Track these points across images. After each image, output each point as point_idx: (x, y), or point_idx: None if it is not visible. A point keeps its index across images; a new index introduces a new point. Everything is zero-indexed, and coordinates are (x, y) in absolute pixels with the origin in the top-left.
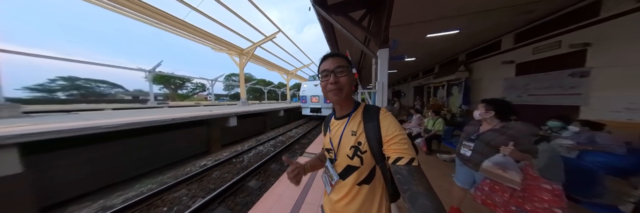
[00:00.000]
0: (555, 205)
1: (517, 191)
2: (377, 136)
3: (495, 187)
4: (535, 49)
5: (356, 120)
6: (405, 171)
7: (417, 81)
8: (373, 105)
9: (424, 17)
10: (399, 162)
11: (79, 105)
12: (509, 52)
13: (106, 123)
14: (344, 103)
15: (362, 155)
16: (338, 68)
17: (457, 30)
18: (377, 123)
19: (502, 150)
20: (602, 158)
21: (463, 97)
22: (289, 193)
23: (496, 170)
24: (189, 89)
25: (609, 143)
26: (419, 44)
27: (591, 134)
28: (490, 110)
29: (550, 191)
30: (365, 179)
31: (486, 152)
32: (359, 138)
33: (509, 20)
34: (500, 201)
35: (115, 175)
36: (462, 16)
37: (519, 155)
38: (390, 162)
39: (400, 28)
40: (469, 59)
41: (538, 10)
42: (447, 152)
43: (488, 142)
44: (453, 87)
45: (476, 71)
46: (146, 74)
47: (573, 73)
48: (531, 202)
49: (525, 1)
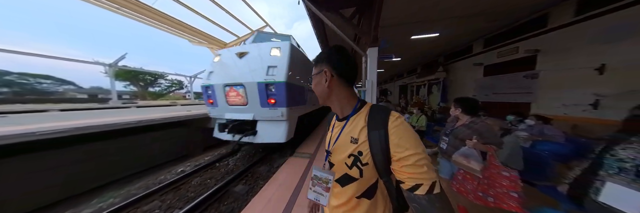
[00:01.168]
0: (512, 189)
1: (482, 179)
2: (384, 151)
3: (466, 176)
4: (499, 53)
5: (357, 125)
6: (425, 201)
7: (402, 80)
8: (381, 107)
9: (410, 19)
10: (418, 190)
11: (12, 106)
12: (479, 55)
13: (45, 129)
14: (337, 103)
15: (363, 167)
16: (311, 77)
17: (437, 33)
18: (384, 133)
19: (467, 143)
20: (549, 146)
21: (441, 95)
22: (278, 196)
23: (462, 160)
24: (163, 87)
25: (553, 134)
26: (404, 45)
27: (541, 127)
28: (458, 108)
29: (508, 178)
30: (365, 193)
31: (457, 144)
32: (359, 147)
33: (479, 27)
34: (471, 188)
35: (70, 189)
36: (441, 20)
37: (481, 147)
38: (406, 189)
39: (388, 29)
40: (447, 61)
41: (501, 20)
42: (430, 146)
43: (457, 135)
44: (433, 86)
45: (452, 72)
46: (106, 68)
47: (526, 75)
48: (494, 188)
49: (490, 10)
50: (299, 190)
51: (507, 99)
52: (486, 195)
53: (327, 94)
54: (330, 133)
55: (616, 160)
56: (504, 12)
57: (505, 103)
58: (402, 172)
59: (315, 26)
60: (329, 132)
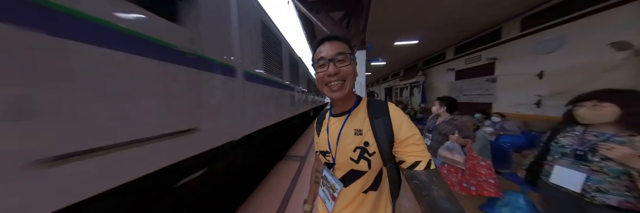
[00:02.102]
0: (489, 176)
1: (464, 170)
2: (388, 135)
3: (451, 170)
4: (466, 60)
5: (359, 117)
6: (425, 176)
7: (387, 83)
8: (377, 99)
9: (393, 26)
10: (417, 167)
11: None
12: (451, 61)
13: None
14: (345, 99)
15: (370, 157)
16: (339, 55)
17: (417, 40)
18: (387, 119)
19: (450, 137)
20: (509, 139)
21: (421, 96)
22: (267, 203)
23: (447, 154)
24: None
25: (511, 129)
26: (388, 50)
27: (502, 123)
28: (443, 106)
29: (485, 166)
30: (372, 185)
31: (440, 139)
32: (365, 137)
33: (451, 36)
34: (456, 180)
35: None
36: (420, 29)
37: (461, 141)
38: (406, 167)
39: (374, 34)
40: (425, 65)
41: (468, 30)
42: None
43: (440, 131)
44: (414, 89)
45: (430, 75)
46: None
47: (488, 79)
48: (475, 177)
49: (459, 23)
50: (289, 196)
51: (474, 99)
52: (469, 185)
53: (352, 85)
54: (325, 133)
55: (559, 147)
56: (469, 25)
57: (473, 103)
58: (404, 152)
59: (305, 27)
60: (323, 133)
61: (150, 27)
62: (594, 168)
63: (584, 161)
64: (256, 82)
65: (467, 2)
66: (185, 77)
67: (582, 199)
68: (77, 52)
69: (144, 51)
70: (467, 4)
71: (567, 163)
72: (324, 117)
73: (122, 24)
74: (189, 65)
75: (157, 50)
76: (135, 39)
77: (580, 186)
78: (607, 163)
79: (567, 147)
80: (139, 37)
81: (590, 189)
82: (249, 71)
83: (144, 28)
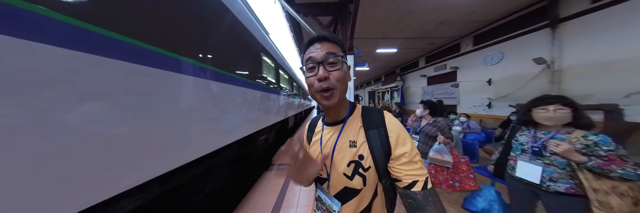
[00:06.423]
0: (469, 172)
1: (450, 169)
2: (385, 148)
3: (437, 169)
4: (435, 68)
5: (354, 127)
6: (421, 196)
7: (371, 87)
8: (371, 107)
9: (375, 35)
10: (414, 187)
11: None
12: (423, 69)
13: None
14: (338, 106)
15: (365, 173)
16: (330, 56)
17: (396, 49)
18: (384, 131)
19: (439, 139)
20: (474, 136)
21: (400, 99)
22: (263, 202)
23: (437, 156)
24: None
25: (475, 127)
26: (371, 56)
27: (468, 122)
28: (427, 109)
29: (464, 163)
30: (367, 207)
31: (427, 141)
32: (360, 150)
33: (422, 47)
34: (443, 179)
35: None
36: (397, 39)
37: (446, 141)
38: (402, 186)
39: (358, 40)
40: (402, 72)
41: (436, 43)
42: None
43: (426, 133)
44: (394, 92)
45: (407, 81)
46: None
47: (452, 84)
48: (458, 173)
49: (429, 35)
50: (283, 193)
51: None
52: (454, 182)
53: (344, 92)
54: (318, 144)
55: (519, 144)
56: (437, 38)
57: (442, 106)
58: (400, 170)
59: (293, 29)
60: (315, 144)
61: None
62: (546, 162)
63: (540, 156)
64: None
65: (435, 19)
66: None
67: (539, 188)
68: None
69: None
70: (435, 21)
71: (527, 158)
72: (315, 124)
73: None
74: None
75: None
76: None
77: (539, 178)
78: (555, 157)
79: (524, 144)
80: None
81: (545, 180)
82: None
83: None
